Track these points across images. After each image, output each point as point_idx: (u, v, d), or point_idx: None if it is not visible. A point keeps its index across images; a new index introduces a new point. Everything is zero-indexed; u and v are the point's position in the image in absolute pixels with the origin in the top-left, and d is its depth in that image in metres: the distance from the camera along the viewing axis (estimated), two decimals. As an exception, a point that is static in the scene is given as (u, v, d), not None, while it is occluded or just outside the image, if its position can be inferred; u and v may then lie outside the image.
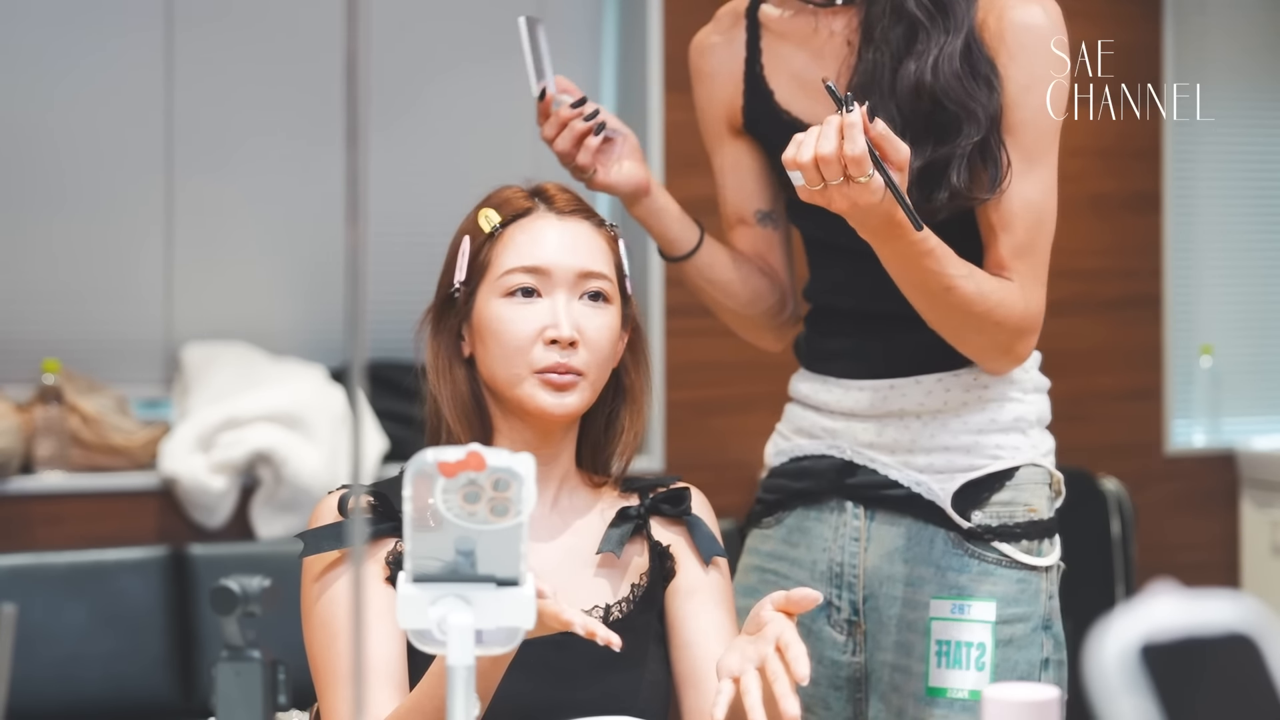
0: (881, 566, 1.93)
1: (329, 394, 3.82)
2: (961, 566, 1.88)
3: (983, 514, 1.90)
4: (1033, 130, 1.84)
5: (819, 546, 1.97)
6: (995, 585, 1.88)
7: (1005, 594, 1.88)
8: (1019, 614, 1.89)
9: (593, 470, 1.82)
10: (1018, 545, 1.90)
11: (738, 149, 2.04)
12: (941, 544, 1.90)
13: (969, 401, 1.92)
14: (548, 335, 1.70)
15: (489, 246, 1.74)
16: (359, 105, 0.94)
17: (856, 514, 1.96)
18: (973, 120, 1.79)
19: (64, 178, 3.91)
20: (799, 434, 2.03)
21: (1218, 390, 4.80)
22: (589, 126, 1.87)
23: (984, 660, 1.85)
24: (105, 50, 3.92)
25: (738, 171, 2.05)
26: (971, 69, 1.81)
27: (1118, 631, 0.79)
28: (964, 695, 1.85)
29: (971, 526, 1.90)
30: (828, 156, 1.61)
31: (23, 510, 3.65)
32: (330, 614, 1.65)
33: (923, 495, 1.91)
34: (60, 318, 3.90)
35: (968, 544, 1.90)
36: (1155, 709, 0.78)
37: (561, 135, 1.89)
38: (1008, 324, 1.83)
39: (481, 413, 1.75)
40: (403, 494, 1.16)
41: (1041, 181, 1.85)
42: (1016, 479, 1.93)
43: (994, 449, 1.91)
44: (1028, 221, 1.85)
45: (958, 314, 1.80)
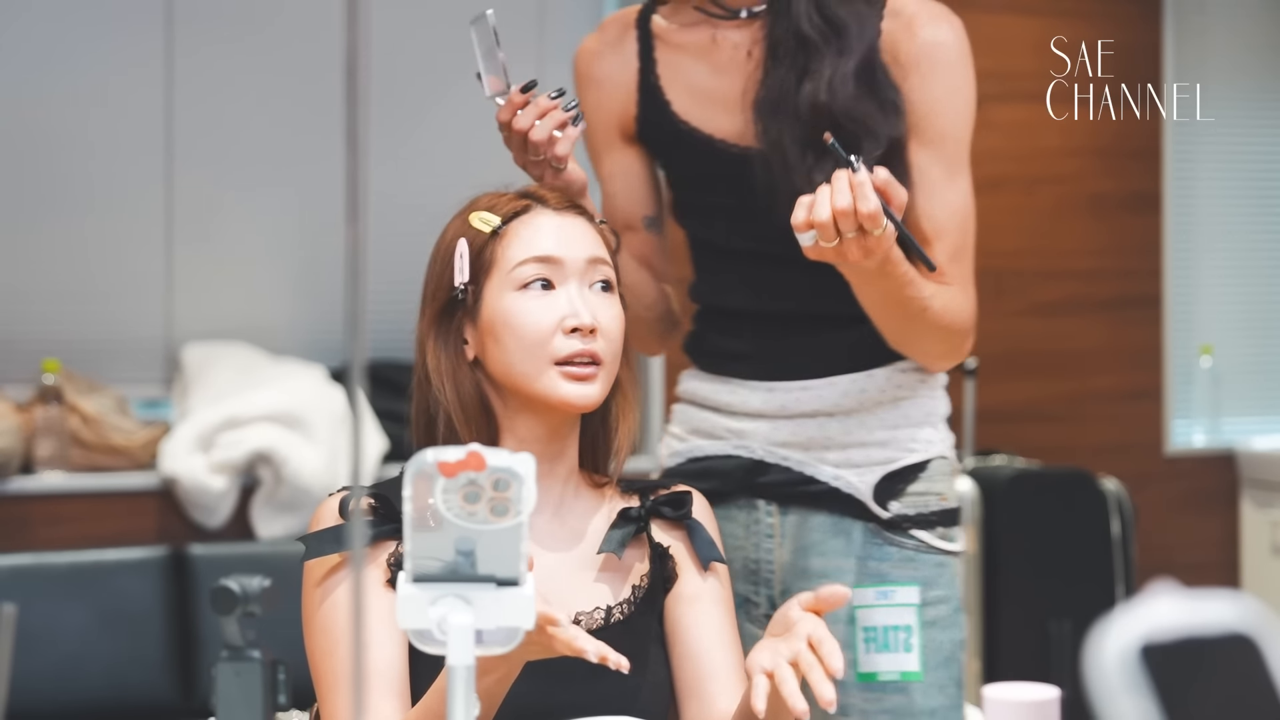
0: (797, 561, 1.98)
1: (329, 394, 3.82)
2: (883, 555, 1.95)
3: (900, 504, 1.97)
4: (951, 141, 1.92)
5: (731, 545, 1.98)
6: (916, 570, 1.95)
7: (926, 578, 1.95)
8: (940, 596, 1.96)
9: (594, 470, 1.82)
10: (934, 532, 1.97)
11: (628, 156, 2.05)
12: (860, 535, 1.96)
13: (884, 400, 1.98)
14: (568, 324, 1.69)
15: (492, 245, 1.73)
16: (359, 106, 0.94)
17: (769, 511, 2.00)
18: (872, 139, 1.86)
19: (64, 177, 3.91)
20: (697, 434, 2.06)
21: (1218, 390, 4.80)
22: (569, 115, 1.86)
23: (911, 642, 1.92)
24: (105, 50, 3.92)
25: (627, 178, 2.06)
26: (869, 89, 1.88)
27: (1118, 631, 0.79)
28: (895, 677, 1.93)
29: (890, 517, 1.96)
30: (845, 211, 1.66)
31: (23, 510, 3.65)
32: (331, 620, 1.65)
33: (841, 489, 1.97)
34: (60, 318, 3.90)
35: (886, 533, 1.96)
36: (1155, 709, 0.78)
37: (540, 124, 1.87)
38: (962, 330, 1.93)
39: (488, 414, 1.74)
40: (403, 494, 1.16)
41: (963, 188, 1.94)
42: (929, 470, 1.99)
43: (909, 442, 1.98)
44: (957, 227, 1.92)
45: (927, 329, 1.89)
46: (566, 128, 1.85)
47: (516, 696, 1.59)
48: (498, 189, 1.80)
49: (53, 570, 3.56)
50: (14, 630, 1.14)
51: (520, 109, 1.84)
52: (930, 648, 1.93)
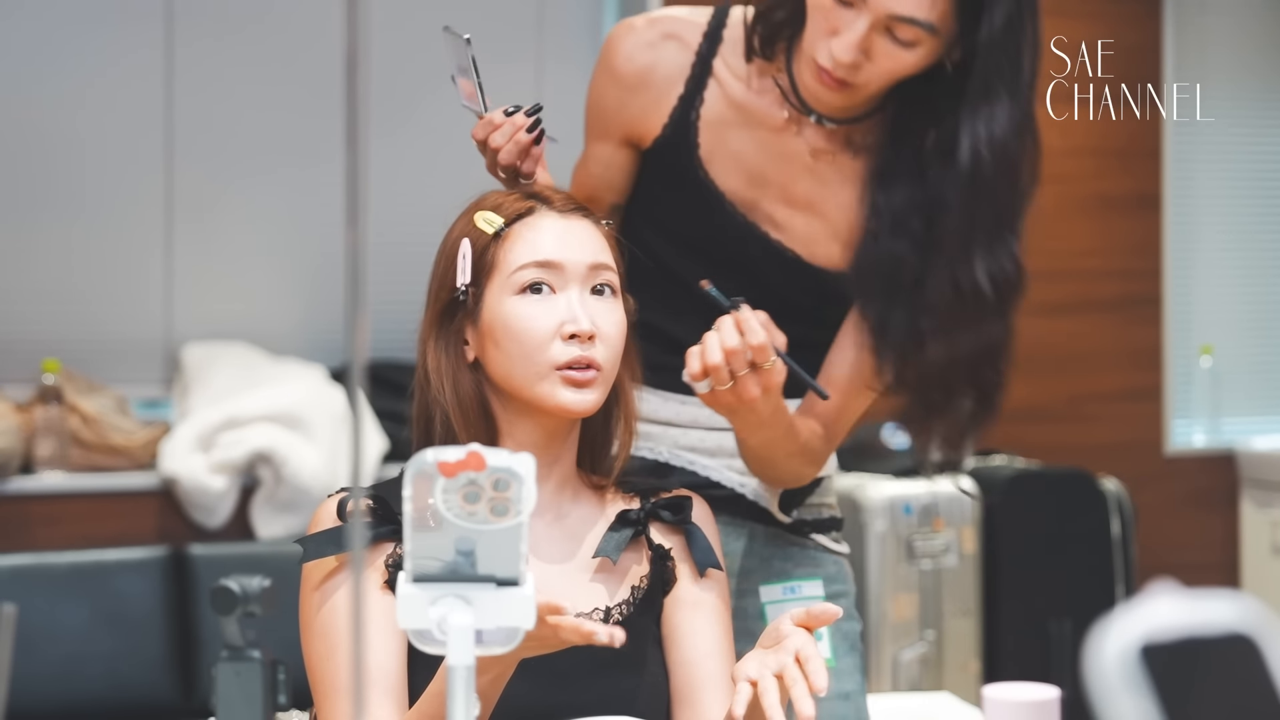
0: None
1: (329, 394, 3.82)
2: (786, 556, 2.03)
3: (800, 511, 2.05)
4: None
5: None
6: (819, 568, 2.05)
7: (828, 574, 2.05)
8: (841, 590, 2.05)
9: (593, 472, 1.81)
10: (829, 536, 2.08)
11: (621, 154, 2.00)
12: (762, 537, 2.03)
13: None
14: (566, 330, 1.69)
15: (495, 247, 1.72)
16: (359, 106, 0.94)
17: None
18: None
19: (64, 178, 3.91)
20: None
21: (1218, 390, 4.80)
22: (531, 139, 1.86)
23: (820, 632, 1.98)
24: (105, 50, 3.93)
25: (610, 170, 2.01)
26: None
27: (1118, 631, 0.79)
28: None
29: (792, 521, 2.04)
30: (735, 350, 1.68)
31: (23, 510, 3.65)
32: (329, 624, 1.64)
33: (746, 495, 2.02)
34: (60, 318, 3.90)
35: (788, 536, 2.04)
36: (1155, 709, 0.78)
37: (507, 149, 1.86)
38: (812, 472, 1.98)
39: (487, 416, 1.74)
40: (403, 494, 1.16)
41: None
42: (822, 486, 2.08)
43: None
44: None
45: (790, 471, 1.94)
46: (532, 148, 1.85)
47: (516, 697, 1.59)
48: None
49: (53, 570, 3.56)
50: (14, 630, 1.14)
51: (497, 129, 1.85)
52: (837, 637, 2.02)
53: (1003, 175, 1.78)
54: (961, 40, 1.76)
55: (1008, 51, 1.75)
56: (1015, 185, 1.80)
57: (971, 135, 1.76)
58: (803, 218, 1.92)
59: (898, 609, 3.85)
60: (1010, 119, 1.77)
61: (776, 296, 1.89)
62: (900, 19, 1.70)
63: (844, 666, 2.02)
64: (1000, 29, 1.73)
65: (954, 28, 1.74)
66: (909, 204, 1.83)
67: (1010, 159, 1.78)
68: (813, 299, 1.93)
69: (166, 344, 3.97)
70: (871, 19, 1.71)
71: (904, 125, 1.86)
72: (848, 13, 1.72)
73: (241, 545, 3.70)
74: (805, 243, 1.92)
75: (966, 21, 1.74)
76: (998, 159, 1.77)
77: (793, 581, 2.03)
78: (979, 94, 1.76)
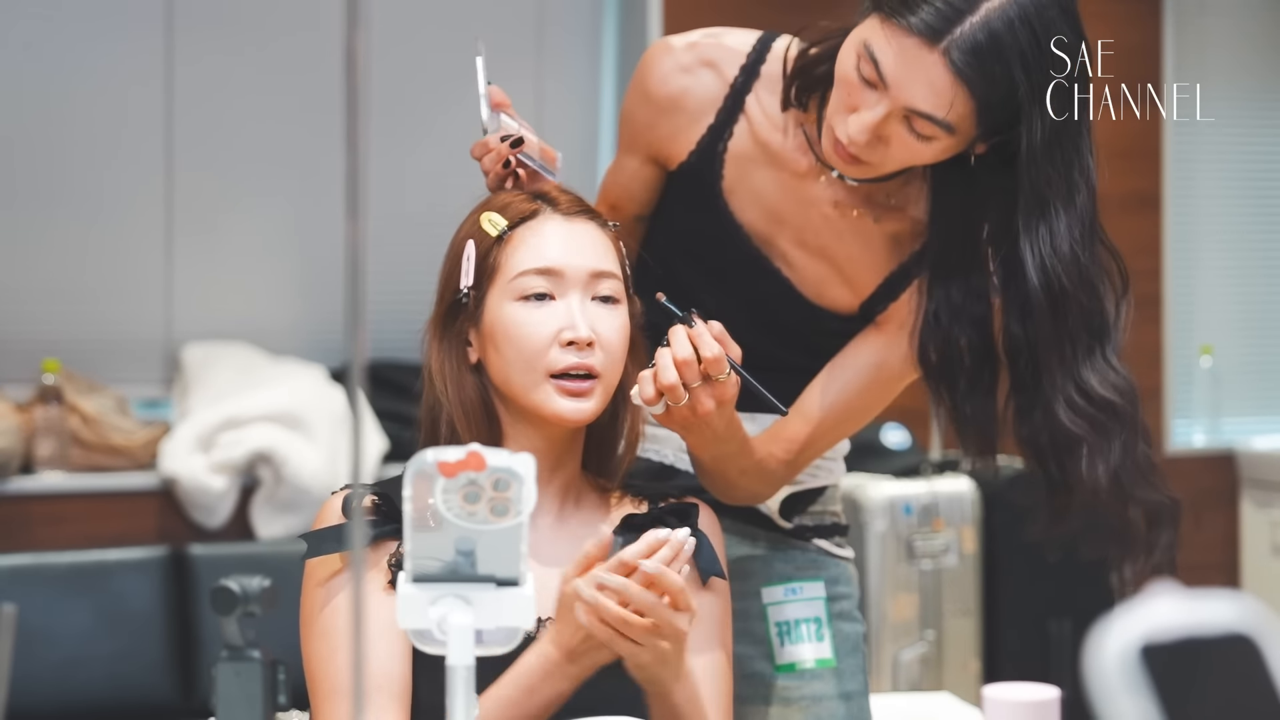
0: None
1: (329, 394, 3.82)
2: (787, 559, 2.04)
3: (801, 517, 2.06)
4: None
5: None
6: (820, 570, 2.06)
7: (830, 577, 2.06)
8: (843, 592, 2.06)
9: (598, 474, 1.81)
10: (831, 540, 2.08)
11: (645, 169, 1.99)
12: (764, 541, 2.05)
13: None
14: (564, 337, 1.68)
15: (497, 250, 1.72)
16: (359, 105, 0.94)
17: None
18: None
19: (65, 178, 3.91)
20: None
21: (1218, 390, 4.80)
22: (510, 169, 1.86)
23: (822, 632, 2.02)
24: (105, 50, 3.93)
25: (633, 184, 2.00)
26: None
27: (1118, 631, 0.79)
28: (811, 665, 2.03)
29: (792, 527, 2.05)
30: (688, 360, 1.67)
31: (23, 510, 3.65)
32: (331, 625, 1.64)
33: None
34: (60, 318, 3.90)
35: (790, 540, 2.05)
36: (1155, 709, 0.78)
37: (492, 175, 1.86)
38: (768, 494, 1.97)
39: (491, 418, 1.74)
40: (403, 494, 1.16)
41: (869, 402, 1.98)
42: (825, 495, 2.09)
43: (813, 469, 2.03)
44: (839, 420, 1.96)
45: (744, 490, 1.92)
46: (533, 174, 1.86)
47: (516, 697, 1.59)
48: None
49: (53, 570, 3.56)
50: (14, 630, 1.14)
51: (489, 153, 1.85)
52: (839, 638, 2.03)
53: (1079, 289, 1.76)
54: (987, 140, 1.73)
55: (1055, 164, 1.72)
56: (1096, 297, 1.78)
57: (1037, 255, 1.74)
58: (815, 263, 1.91)
59: (898, 609, 3.85)
60: (1069, 232, 1.74)
61: (780, 325, 1.91)
62: (918, 113, 1.68)
63: (847, 668, 2.03)
64: (1043, 143, 1.70)
65: (974, 131, 1.70)
66: (967, 290, 1.81)
67: (1082, 272, 1.76)
68: (816, 335, 1.93)
69: (166, 344, 3.98)
70: (890, 107, 1.68)
71: (947, 204, 1.83)
72: (870, 94, 1.69)
73: (241, 545, 3.70)
74: (815, 285, 1.92)
75: (991, 126, 1.70)
76: (1069, 274, 1.75)
77: (794, 583, 2.04)
78: (1033, 210, 1.73)
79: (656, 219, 2.01)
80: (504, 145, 1.83)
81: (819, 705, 2.02)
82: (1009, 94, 1.67)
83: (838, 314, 1.92)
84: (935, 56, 1.64)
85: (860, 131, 1.70)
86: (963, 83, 1.65)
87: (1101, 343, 1.80)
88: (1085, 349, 1.78)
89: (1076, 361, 1.77)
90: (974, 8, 1.64)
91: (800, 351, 1.92)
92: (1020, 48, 1.66)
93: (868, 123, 1.70)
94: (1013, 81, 1.66)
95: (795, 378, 1.90)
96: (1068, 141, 1.72)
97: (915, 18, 1.64)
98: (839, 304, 1.92)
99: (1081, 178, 1.76)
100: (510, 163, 1.84)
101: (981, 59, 1.64)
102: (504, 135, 1.84)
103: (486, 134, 1.85)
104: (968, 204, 1.80)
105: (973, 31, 1.64)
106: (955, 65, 1.64)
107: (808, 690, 2.02)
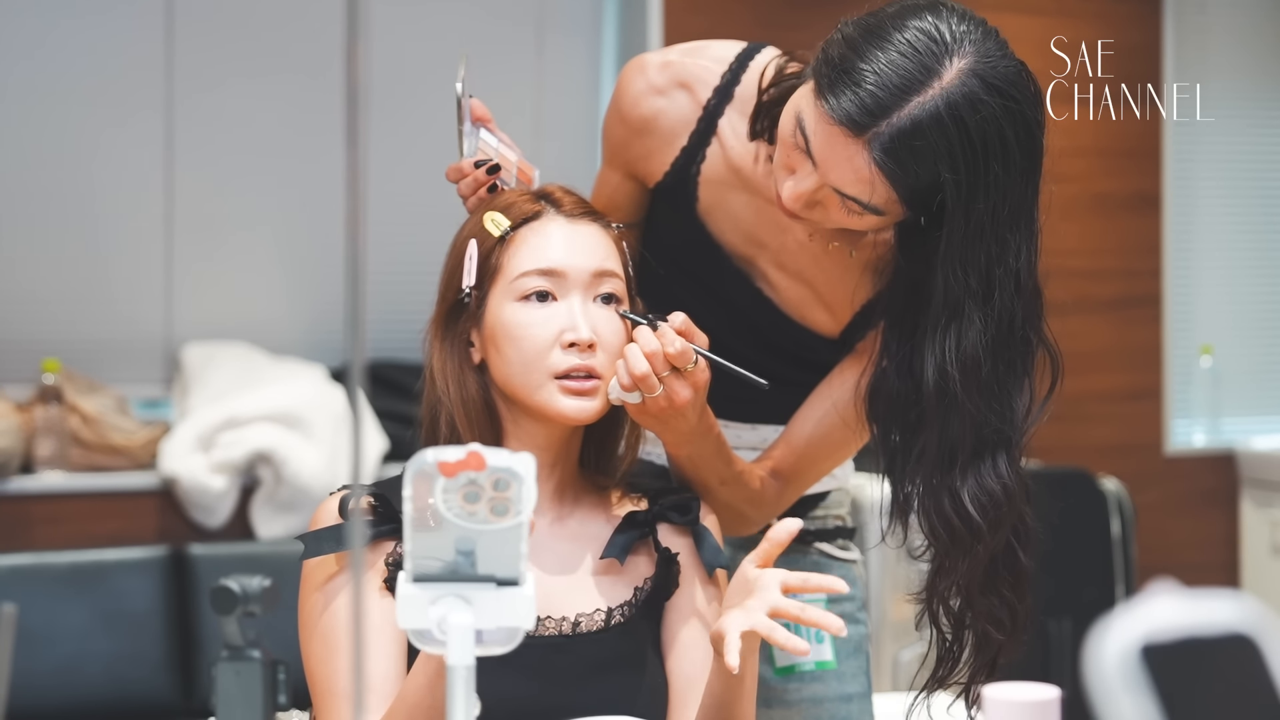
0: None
1: (329, 394, 3.82)
2: (790, 563, 2.00)
3: (804, 521, 2.01)
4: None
5: None
6: (823, 571, 2.06)
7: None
8: (847, 594, 2.01)
9: (598, 472, 1.81)
10: (834, 544, 2.11)
11: (627, 184, 1.98)
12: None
13: None
14: (566, 338, 1.68)
15: (499, 250, 1.72)
16: (359, 105, 0.94)
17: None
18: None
19: (64, 178, 3.91)
20: None
21: (1218, 390, 4.80)
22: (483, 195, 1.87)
23: (822, 635, 2.02)
24: (105, 50, 3.93)
25: (617, 195, 2.00)
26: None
27: (1118, 631, 0.79)
28: (811, 667, 2.05)
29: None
30: (654, 352, 1.66)
31: (23, 510, 3.65)
32: (331, 627, 1.64)
33: None
34: (60, 318, 3.90)
35: (791, 544, 1.98)
36: (1155, 709, 0.78)
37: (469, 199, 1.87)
38: (761, 519, 1.93)
39: (492, 417, 1.74)
40: (403, 494, 1.16)
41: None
42: (828, 500, 2.12)
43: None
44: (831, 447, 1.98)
45: (724, 497, 1.87)
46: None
47: (517, 698, 1.59)
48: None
49: (53, 570, 3.56)
50: (14, 630, 1.14)
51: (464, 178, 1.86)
52: (840, 640, 2.04)
53: (971, 397, 1.68)
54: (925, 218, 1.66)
55: (974, 265, 1.65)
56: (994, 405, 1.71)
57: (936, 354, 1.68)
58: (795, 285, 1.90)
59: (898, 609, 3.85)
60: (980, 336, 1.68)
61: (764, 338, 1.91)
62: (843, 195, 1.64)
63: (850, 669, 2.04)
64: (964, 242, 1.63)
65: (904, 213, 1.65)
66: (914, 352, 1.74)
67: (983, 380, 1.69)
68: (799, 349, 1.93)
69: (166, 344, 3.98)
70: (819, 181, 1.65)
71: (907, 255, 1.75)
72: (805, 162, 1.65)
73: (241, 545, 3.70)
74: (796, 305, 1.92)
75: (922, 210, 1.64)
76: (966, 382, 1.68)
77: None
78: (943, 309, 1.66)
79: (645, 229, 2.01)
80: (480, 172, 1.84)
81: (820, 707, 2.02)
82: (934, 188, 1.61)
83: (819, 334, 1.92)
84: (858, 146, 1.59)
85: (792, 200, 1.68)
86: (884, 176, 1.60)
87: (993, 451, 1.72)
88: (970, 455, 1.71)
89: (954, 467, 1.72)
90: (901, 103, 1.58)
91: (791, 365, 1.92)
92: (949, 145, 1.58)
93: (799, 192, 1.67)
94: (939, 178, 1.60)
95: (791, 391, 1.90)
96: (997, 238, 1.65)
97: (840, 106, 1.59)
98: (821, 327, 1.92)
99: (1009, 277, 1.68)
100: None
101: (904, 156, 1.58)
102: (479, 161, 1.84)
103: (463, 157, 1.86)
104: (918, 263, 1.72)
105: (898, 126, 1.58)
106: (877, 160, 1.59)
107: (808, 692, 2.03)
